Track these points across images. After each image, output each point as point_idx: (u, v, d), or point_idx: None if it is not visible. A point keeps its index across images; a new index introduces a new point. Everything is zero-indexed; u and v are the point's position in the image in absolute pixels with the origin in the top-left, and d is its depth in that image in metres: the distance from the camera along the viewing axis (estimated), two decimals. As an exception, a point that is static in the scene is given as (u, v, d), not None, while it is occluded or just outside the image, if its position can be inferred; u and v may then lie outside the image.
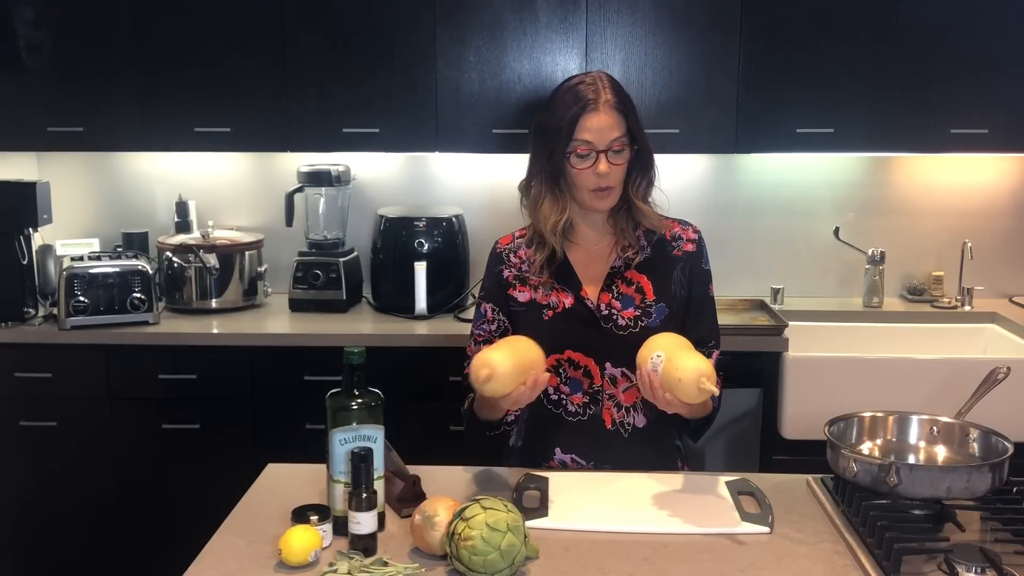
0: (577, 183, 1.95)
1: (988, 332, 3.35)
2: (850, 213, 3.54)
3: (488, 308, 2.06)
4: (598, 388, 2.00)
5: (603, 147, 1.90)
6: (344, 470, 1.64)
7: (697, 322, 2.04)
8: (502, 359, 1.72)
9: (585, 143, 1.91)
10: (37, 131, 3.30)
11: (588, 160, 1.92)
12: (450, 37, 3.20)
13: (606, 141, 1.90)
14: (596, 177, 1.92)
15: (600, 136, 1.90)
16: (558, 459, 2.03)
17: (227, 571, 1.55)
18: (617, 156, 1.92)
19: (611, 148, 1.91)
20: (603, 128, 1.90)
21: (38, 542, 3.22)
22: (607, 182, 1.92)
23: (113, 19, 3.23)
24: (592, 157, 1.91)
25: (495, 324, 2.05)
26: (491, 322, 2.05)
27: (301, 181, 3.39)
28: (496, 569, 1.47)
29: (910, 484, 1.64)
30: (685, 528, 1.69)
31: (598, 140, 1.90)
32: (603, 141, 1.90)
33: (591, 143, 1.91)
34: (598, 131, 1.90)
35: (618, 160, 1.93)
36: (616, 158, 1.92)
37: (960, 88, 3.18)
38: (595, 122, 1.90)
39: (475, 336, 2.06)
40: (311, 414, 2.92)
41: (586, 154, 1.91)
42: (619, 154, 1.92)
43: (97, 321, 3.11)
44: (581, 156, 1.92)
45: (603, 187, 1.93)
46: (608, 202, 1.96)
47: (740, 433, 3.13)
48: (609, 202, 1.96)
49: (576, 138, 1.91)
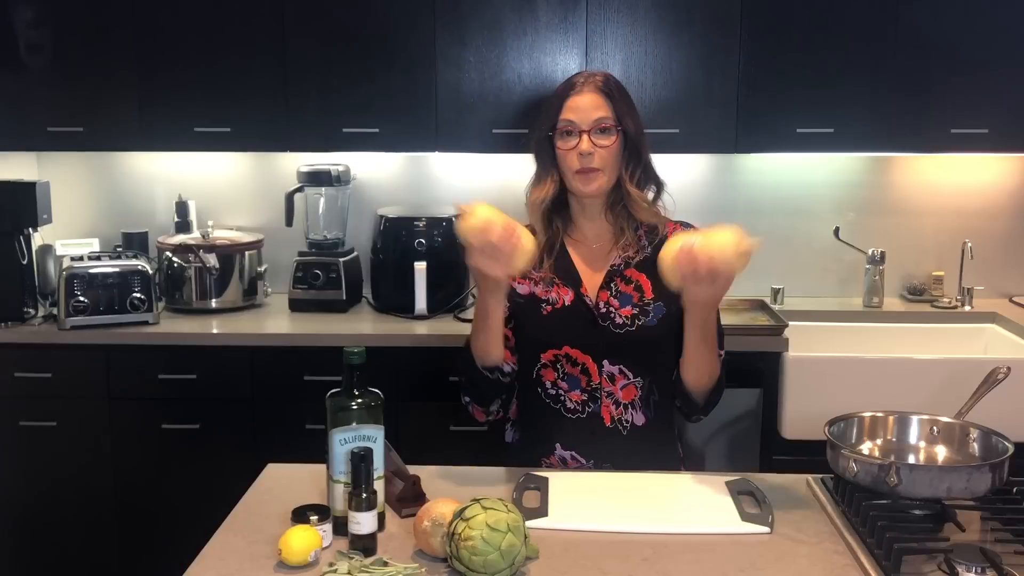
0: (564, 166, 1.98)
1: (988, 332, 3.35)
2: (850, 213, 3.54)
3: None
4: (596, 385, 2.00)
5: (586, 127, 1.94)
6: (344, 470, 1.64)
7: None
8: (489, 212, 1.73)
9: (568, 122, 1.96)
10: (37, 131, 3.30)
11: (572, 139, 1.96)
12: (450, 37, 3.20)
13: (588, 121, 1.94)
14: (579, 158, 1.94)
15: (582, 115, 1.95)
16: (558, 455, 2.03)
17: (227, 571, 1.55)
18: (601, 137, 1.95)
19: (594, 128, 1.94)
20: (586, 107, 1.95)
21: (38, 542, 3.22)
22: (590, 163, 1.94)
23: (113, 19, 3.24)
24: (576, 137, 1.95)
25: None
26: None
27: (301, 181, 3.39)
28: (496, 569, 1.47)
29: (910, 484, 1.63)
30: (685, 528, 1.69)
31: (580, 119, 1.95)
32: (585, 120, 1.94)
33: (573, 122, 1.95)
34: (581, 110, 1.95)
35: (602, 140, 1.94)
36: (600, 138, 1.94)
37: (960, 88, 3.18)
38: (578, 102, 1.96)
39: None
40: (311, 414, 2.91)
41: (570, 132, 1.95)
42: (604, 135, 1.95)
43: (97, 321, 3.11)
44: (565, 136, 1.96)
45: (587, 168, 1.95)
46: (593, 186, 1.97)
47: (740, 433, 3.13)
48: (594, 186, 1.97)
49: (561, 118, 1.96)
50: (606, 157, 1.95)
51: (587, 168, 1.95)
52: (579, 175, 1.96)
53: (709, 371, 1.95)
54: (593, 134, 1.94)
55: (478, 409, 2.04)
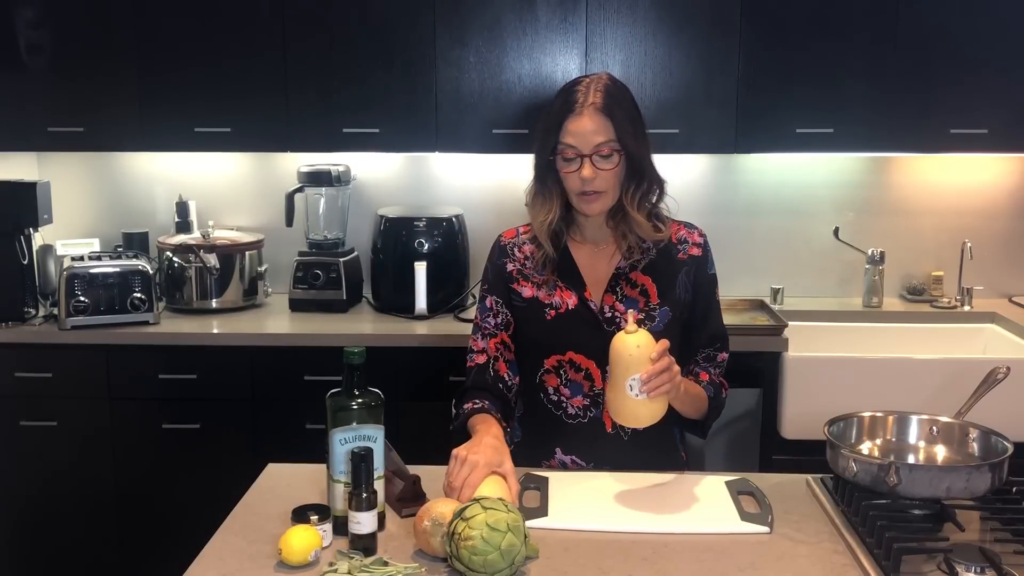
0: (566, 186, 1.95)
1: (988, 332, 3.35)
2: (850, 213, 3.55)
3: (492, 301, 2.05)
4: (599, 391, 1.99)
5: (587, 151, 1.89)
6: (344, 470, 1.64)
7: (703, 325, 2.05)
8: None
9: (569, 147, 1.90)
10: (37, 131, 3.30)
11: (574, 164, 1.91)
12: (450, 37, 3.20)
13: (590, 146, 1.88)
14: (581, 181, 1.90)
15: (583, 140, 1.89)
16: (558, 459, 2.03)
17: (227, 571, 1.55)
18: (603, 161, 1.89)
19: (596, 153, 1.89)
20: (586, 133, 1.88)
21: (38, 542, 3.22)
22: (592, 187, 1.91)
23: (113, 19, 3.24)
24: (577, 161, 1.90)
25: (500, 317, 2.04)
26: (496, 315, 2.04)
27: (301, 181, 3.39)
28: (496, 569, 1.47)
29: (910, 484, 1.64)
30: (685, 528, 1.69)
31: (581, 144, 1.89)
32: (587, 145, 1.89)
33: (575, 147, 1.89)
34: (581, 135, 1.89)
35: (604, 165, 1.90)
36: (602, 163, 1.89)
37: (960, 88, 3.18)
38: (577, 126, 1.89)
39: (482, 329, 2.05)
40: (311, 414, 2.93)
41: (572, 158, 1.90)
42: (606, 159, 1.89)
43: (97, 321, 3.11)
44: (567, 160, 1.91)
45: (589, 191, 1.92)
46: (596, 207, 1.95)
47: (740, 433, 3.13)
48: (597, 207, 1.95)
49: (561, 141, 1.90)
50: (609, 179, 1.92)
51: (589, 191, 1.92)
52: (581, 197, 1.93)
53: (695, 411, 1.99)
54: (595, 159, 1.89)
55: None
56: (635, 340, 1.72)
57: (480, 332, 2.05)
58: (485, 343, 2.03)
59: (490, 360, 2.02)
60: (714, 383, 2.03)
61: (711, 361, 2.06)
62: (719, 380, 2.05)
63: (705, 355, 2.06)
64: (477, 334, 2.05)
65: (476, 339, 2.05)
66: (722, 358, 2.06)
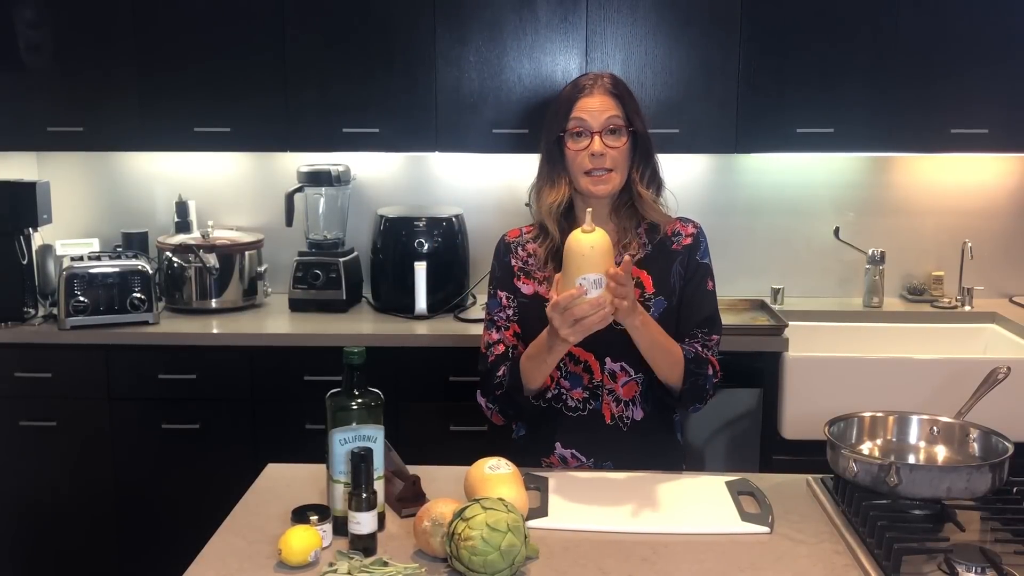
0: (574, 167, 1.98)
1: (988, 332, 3.35)
2: (850, 213, 3.55)
3: (503, 295, 2.07)
4: (598, 383, 2.01)
5: (597, 127, 1.95)
6: (344, 470, 1.64)
7: (695, 309, 2.03)
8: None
9: (579, 121, 1.96)
10: (37, 131, 3.30)
11: (583, 140, 1.96)
12: (450, 37, 3.20)
13: (600, 121, 1.95)
14: (590, 159, 1.94)
15: (593, 116, 1.95)
16: (558, 454, 2.03)
17: (227, 571, 1.55)
18: (612, 138, 1.95)
19: (605, 128, 1.94)
20: (597, 109, 1.95)
21: (38, 542, 3.22)
22: (602, 163, 1.95)
23: (113, 19, 3.23)
24: (587, 137, 1.95)
25: (511, 309, 2.06)
26: (507, 308, 2.06)
27: (301, 181, 3.39)
28: (496, 569, 1.47)
29: (910, 484, 1.64)
30: (685, 528, 1.69)
31: (592, 120, 1.95)
32: (597, 121, 1.95)
33: (585, 121, 1.95)
34: (592, 112, 1.95)
35: (613, 142, 1.95)
36: (611, 139, 1.95)
37: (960, 88, 3.18)
38: (589, 103, 1.96)
39: (496, 322, 2.06)
40: (311, 414, 2.93)
41: (580, 133, 1.96)
42: (614, 135, 1.95)
43: (97, 321, 3.11)
44: (577, 136, 1.96)
45: (598, 169, 1.95)
46: (605, 187, 1.97)
47: (740, 433, 3.13)
48: (606, 187, 1.97)
49: (572, 117, 1.96)
50: (617, 158, 1.96)
51: (599, 168, 1.95)
52: (590, 176, 1.96)
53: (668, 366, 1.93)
54: (604, 135, 1.95)
55: (498, 416, 2.05)
56: (590, 240, 1.72)
57: (494, 326, 2.06)
58: (500, 334, 2.04)
59: (508, 348, 2.03)
60: (701, 357, 1.99)
61: (701, 341, 2.03)
62: (707, 356, 2.00)
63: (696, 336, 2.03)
64: (491, 328, 2.06)
65: (490, 332, 2.06)
66: (714, 339, 2.04)
